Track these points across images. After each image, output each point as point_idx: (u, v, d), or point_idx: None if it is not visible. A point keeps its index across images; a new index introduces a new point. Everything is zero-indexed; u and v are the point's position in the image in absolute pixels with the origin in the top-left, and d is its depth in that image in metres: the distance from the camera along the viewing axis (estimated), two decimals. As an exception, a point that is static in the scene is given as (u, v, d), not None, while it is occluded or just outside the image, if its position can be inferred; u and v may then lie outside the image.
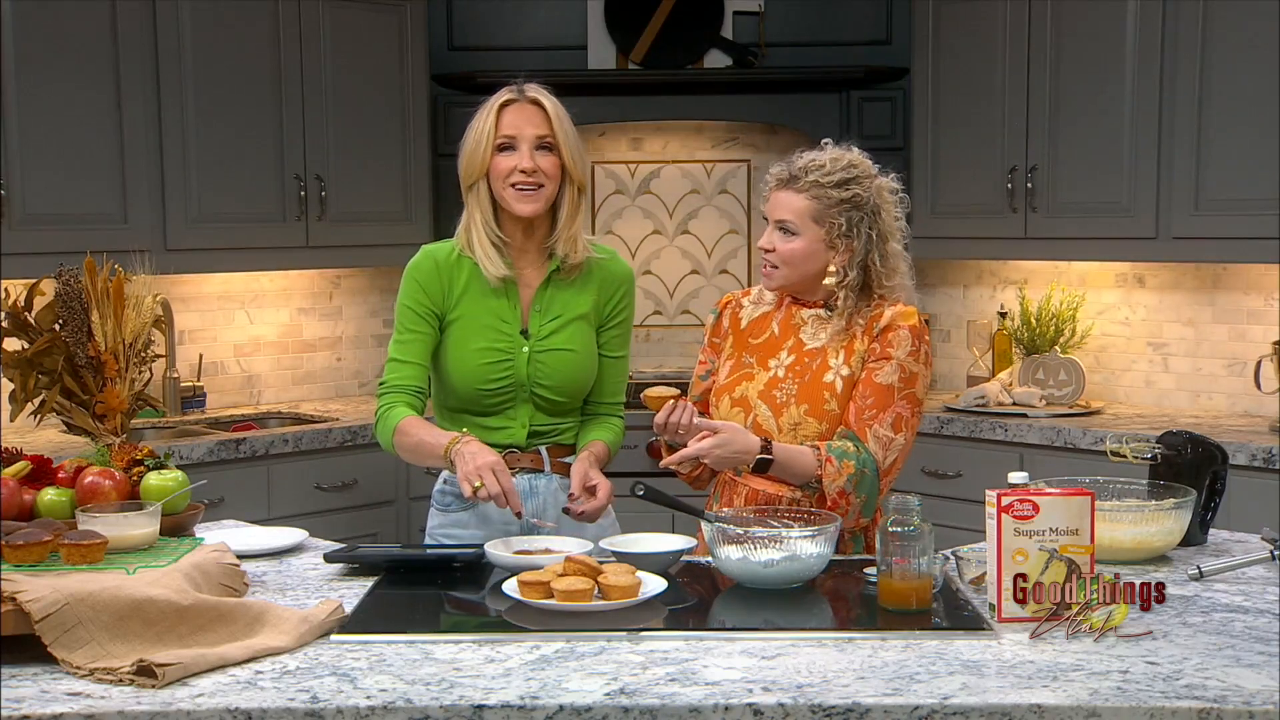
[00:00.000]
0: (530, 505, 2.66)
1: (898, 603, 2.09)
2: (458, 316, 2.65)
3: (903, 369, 2.53)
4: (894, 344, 2.52)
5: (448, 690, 1.76)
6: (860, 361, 2.55)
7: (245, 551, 2.45)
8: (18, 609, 1.84)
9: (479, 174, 2.62)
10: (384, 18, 4.71)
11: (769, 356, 2.63)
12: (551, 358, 2.65)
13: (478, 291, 2.65)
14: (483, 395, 2.64)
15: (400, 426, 2.59)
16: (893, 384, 2.52)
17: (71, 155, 4.04)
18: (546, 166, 2.60)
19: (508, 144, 2.60)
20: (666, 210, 5.29)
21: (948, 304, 5.15)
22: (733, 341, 2.71)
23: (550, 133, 2.61)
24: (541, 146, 2.60)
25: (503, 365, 2.64)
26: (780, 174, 2.58)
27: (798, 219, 2.54)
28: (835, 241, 2.54)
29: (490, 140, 2.60)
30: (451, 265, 2.66)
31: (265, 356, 4.89)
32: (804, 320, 2.63)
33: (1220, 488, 2.60)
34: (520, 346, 2.64)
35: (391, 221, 4.76)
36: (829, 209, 2.52)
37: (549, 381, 2.65)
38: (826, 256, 2.55)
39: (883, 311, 2.55)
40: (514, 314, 2.65)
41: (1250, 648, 1.92)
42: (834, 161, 2.55)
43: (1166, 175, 4.21)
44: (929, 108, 4.77)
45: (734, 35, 4.95)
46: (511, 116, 2.61)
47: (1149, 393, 4.64)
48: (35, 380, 2.69)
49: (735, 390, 2.63)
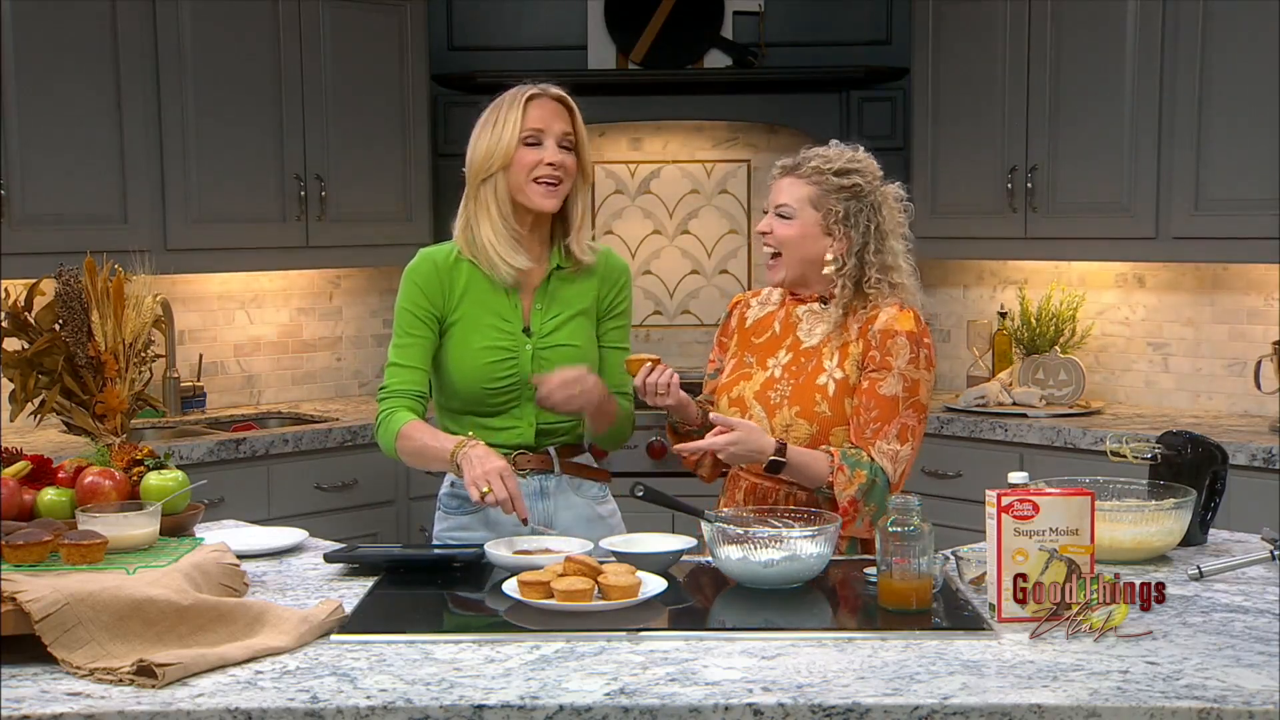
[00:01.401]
0: (540, 506, 2.66)
1: (898, 603, 2.09)
2: (459, 317, 2.65)
3: (905, 378, 2.51)
4: (893, 352, 2.51)
5: (448, 690, 1.76)
6: (855, 365, 2.54)
7: (245, 551, 2.45)
8: (18, 609, 1.84)
9: (499, 166, 2.59)
10: (384, 18, 4.71)
11: (768, 356, 2.63)
12: (555, 354, 2.64)
13: (478, 292, 2.65)
14: (487, 395, 2.64)
15: (403, 431, 2.58)
16: (896, 395, 2.51)
17: (71, 155, 4.04)
18: (569, 164, 2.61)
19: (534, 138, 2.59)
20: (666, 210, 5.29)
21: (948, 304, 5.15)
22: (738, 340, 2.73)
23: (573, 131, 2.62)
24: (564, 144, 2.61)
25: (506, 364, 2.63)
26: (785, 163, 2.62)
27: (795, 203, 2.57)
28: (832, 228, 2.55)
29: (517, 132, 2.58)
30: (450, 268, 2.66)
31: (265, 356, 4.89)
32: (800, 317, 2.64)
33: (1220, 488, 2.60)
34: (523, 344, 2.64)
35: (391, 221, 4.76)
36: (827, 194, 2.55)
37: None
38: (823, 243, 2.56)
39: (878, 314, 2.55)
40: (515, 312, 2.65)
41: (1250, 648, 1.92)
42: (837, 153, 2.60)
43: (1166, 175, 4.20)
44: (929, 108, 4.77)
45: (734, 35, 4.95)
46: (539, 110, 2.60)
47: (1149, 393, 4.63)
48: (35, 380, 2.69)
49: (733, 390, 2.63)
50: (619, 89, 4.95)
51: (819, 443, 2.53)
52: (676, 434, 2.69)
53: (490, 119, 2.63)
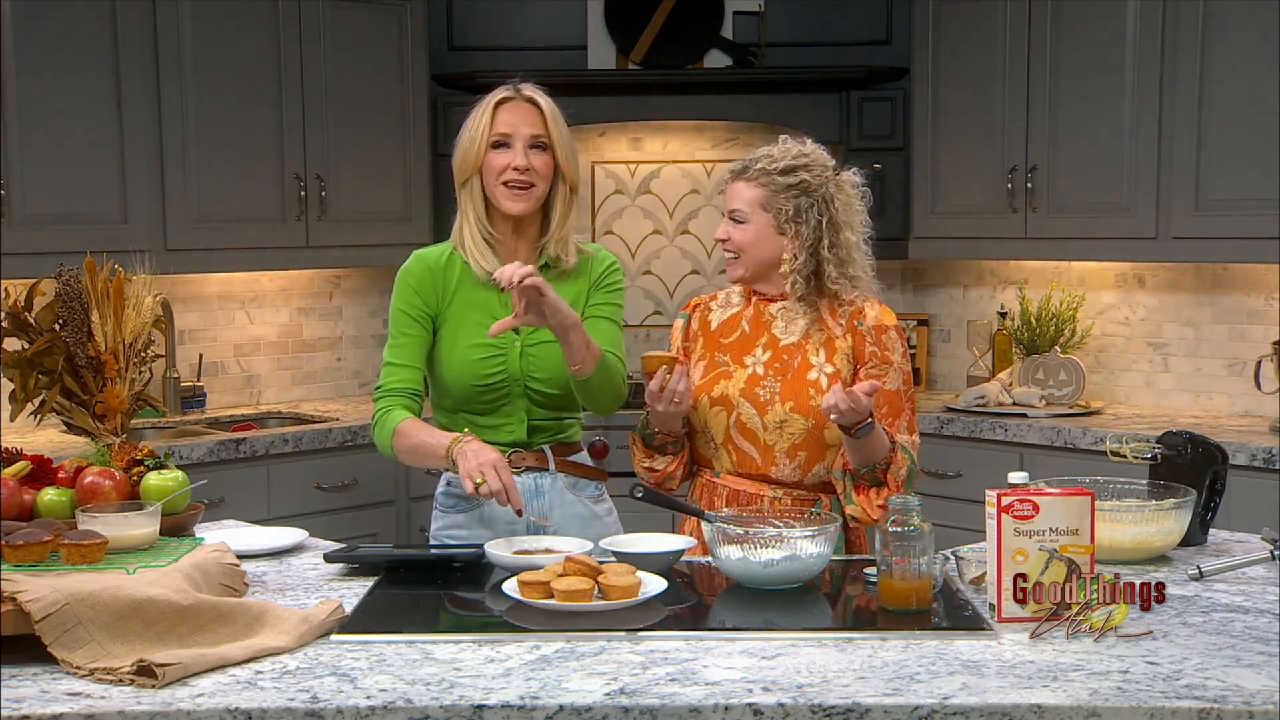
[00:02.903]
0: (535, 504, 2.66)
1: (898, 603, 2.09)
2: (450, 315, 2.66)
3: (903, 372, 2.59)
4: (889, 347, 2.58)
5: (448, 690, 1.76)
6: (845, 360, 2.57)
7: (245, 551, 2.45)
8: (18, 609, 1.84)
9: (472, 170, 2.63)
10: (384, 18, 4.71)
11: (744, 354, 2.63)
12: (543, 350, 2.64)
13: (469, 290, 2.66)
14: (478, 392, 2.64)
15: (399, 429, 2.59)
16: (899, 390, 2.57)
17: (71, 155, 4.04)
18: (539, 165, 2.61)
19: (502, 141, 2.60)
20: (666, 210, 5.29)
21: (948, 304, 5.15)
22: (703, 343, 2.72)
23: (545, 132, 2.62)
24: (535, 145, 2.61)
25: (495, 360, 2.63)
26: (734, 167, 2.64)
27: (746, 207, 2.59)
28: (784, 227, 2.57)
29: (485, 137, 2.60)
30: (443, 267, 2.67)
31: (265, 356, 4.89)
32: (773, 316, 2.65)
33: (1220, 488, 2.60)
34: (512, 342, 2.64)
35: (391, 221, 4.76)
36: (775, 195, 2.57)
37: (542, 374, 2.65)
38: (778, 243, 2.58)
39: (863, 310, 2.59)
40: (505, 310, 2.65)
41: (1250, 648, 1.92)
42: (783, 152, 2.60)
43: (1166, 175, 4.21)
44: (929, 108, 4.78)
45: (734, 35, 4.95)
46: (507, 114, 2.61)
47: (1149, 393, 4.64)
48: (35, 380, 2.68)
49: (714, 389, 2.63)
50: (619, 89, 4.95)
51: (814, 437, 2.54)
52: (648, 445, 2.67)
53: (466, 124, 2.65)
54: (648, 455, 2.68)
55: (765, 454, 2.57)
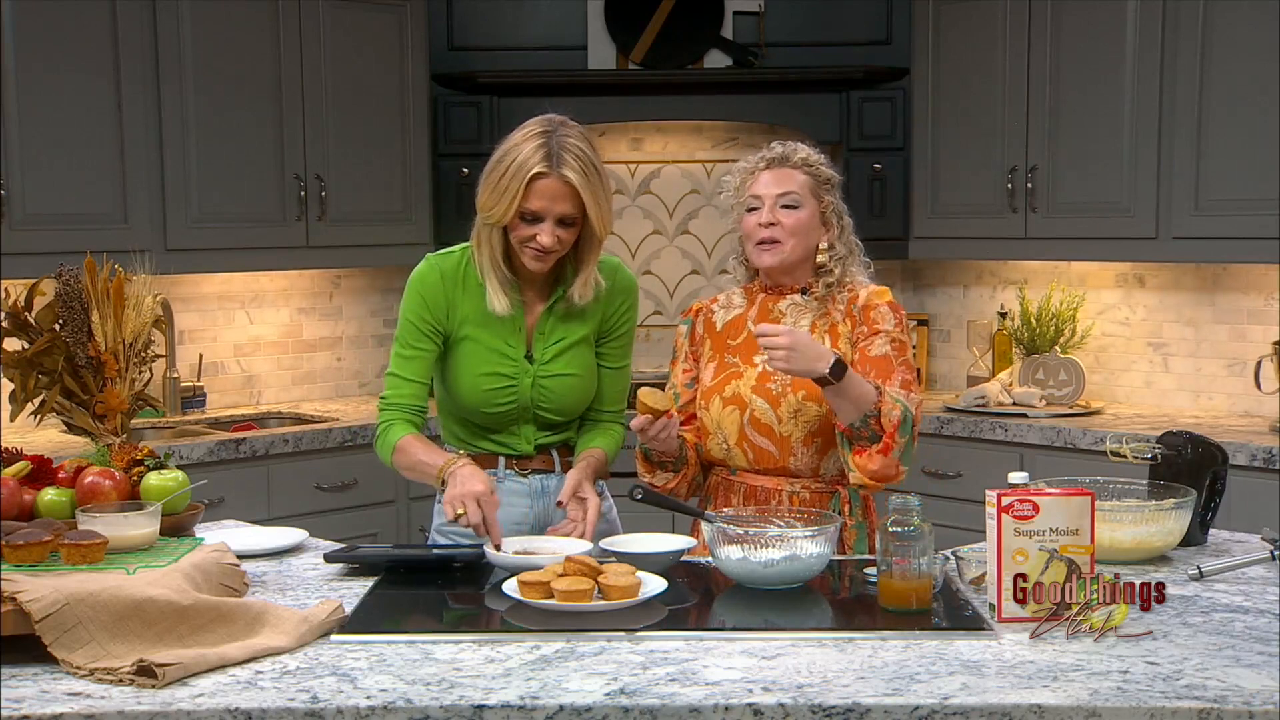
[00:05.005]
0: (539, 505, 2.69)
1: (898, 603, 2.09)
2: (464, 336, 2.63)
3: (893, 339, 2.60)
4: (878, 320, 2.62)
5: (448, 690, 1.76)
6: (848, 343, 2.62)
7: (245, 551, 2.45)
8: (18, 609, 1.84)
9: (496, 223, 2.54)
10: (384, 18, 4.71)
11: (753, 352, 2.64)
12: (555, 383, 2.65)
13: (484, 307, 2.62)
14: (487, 416, 2.66)
15: (399, 445, 2.61)
16: (888, 354, 2.59)
17: (71, 155, 4.04)
18: (566, 237, 2.54)
19: (533, 217, 2.51)
20: (666, 210, 5.29)
21: (948, 304, 5.15)
22: (711, 345, 2.73)
23: (576, 211, 2.52)
24: (563, 222, 2.52)
25: (507, 390, 2.64)
26: (769, 155, 2.69)
27: (801, 190, 2.64)
28: (828, 218, 2.67)
29: (515, 208, 2.49)
30: (459, 278, 2.64)
31: (265, 356, 4.89)
32: (783, 311, 2.67)
33: (1220, 488, 2.60)
34: (524, 371, 2.64)
35: (391, 221, 4.75)
36: (820, 185, 2.67)
37: (551, 405, 2.66)
38: (819, 232, 2.66)
39: (857, 294, 2.65)
40: (519, 338, 2.64)
41: (1250, 648, 1.92)
42: (803, 147, 2.70)
43: (1166, 175, 4.21)
44: (929, 108, 4.77)
45: (734, 35, 4.95)
46: (541, 194, 2.49)
47: (1149, 393, 4.64)
48: (35, 380, 2.69)
49: (725, 390, 2.63)
50: (619, 89, 4.95)
51: (828, 423, 2.55)
52: (649, 461, 2.68)
53: (498, 169, 2.52)
54: (649, 470, 2.69)
55: (782, 446, 2.58)
